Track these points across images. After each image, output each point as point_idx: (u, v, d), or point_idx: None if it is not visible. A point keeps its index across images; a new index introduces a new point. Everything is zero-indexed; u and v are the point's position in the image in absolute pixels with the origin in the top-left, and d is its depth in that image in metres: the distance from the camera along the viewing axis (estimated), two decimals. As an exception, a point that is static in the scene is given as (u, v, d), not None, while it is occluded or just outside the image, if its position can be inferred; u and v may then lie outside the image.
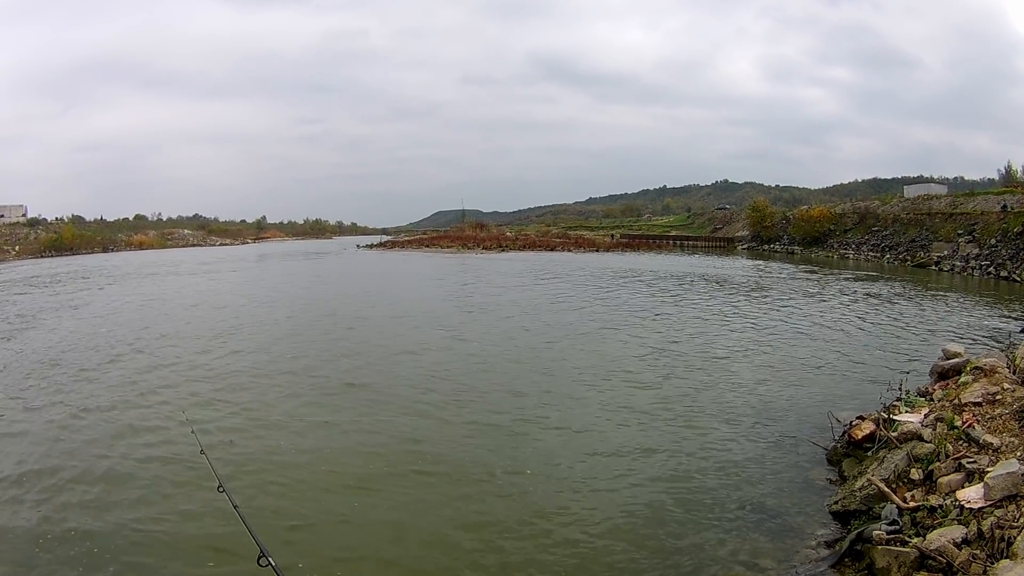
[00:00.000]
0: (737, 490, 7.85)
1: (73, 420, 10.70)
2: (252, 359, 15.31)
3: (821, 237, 59.99)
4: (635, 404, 11.33)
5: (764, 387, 12.37)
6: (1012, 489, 5.42)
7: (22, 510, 7.40)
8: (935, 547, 5.13)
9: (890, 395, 9.98)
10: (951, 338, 15.74)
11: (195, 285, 36.00)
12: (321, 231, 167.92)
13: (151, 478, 8.28)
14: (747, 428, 10.03)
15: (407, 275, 43.49)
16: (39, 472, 8.47)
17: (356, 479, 8.26)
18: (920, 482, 6.63)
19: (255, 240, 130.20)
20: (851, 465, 8.10)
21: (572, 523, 7.11)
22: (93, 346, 16.98)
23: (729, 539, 6.71)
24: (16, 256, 79.48)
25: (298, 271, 48.45)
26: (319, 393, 12.28)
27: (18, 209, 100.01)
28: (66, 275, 44.84)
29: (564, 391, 12.31)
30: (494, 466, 8.64)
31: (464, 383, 12.87)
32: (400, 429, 10.15)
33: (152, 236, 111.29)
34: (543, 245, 73.93)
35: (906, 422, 8.09)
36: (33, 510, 7.38)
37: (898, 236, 49.57)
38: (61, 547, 6.55)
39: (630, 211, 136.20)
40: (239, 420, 10.64)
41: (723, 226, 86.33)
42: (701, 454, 9.02)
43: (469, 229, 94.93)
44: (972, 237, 40.11)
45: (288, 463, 8.79)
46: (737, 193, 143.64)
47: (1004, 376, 8.72)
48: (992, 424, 7.15)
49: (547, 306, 24.23)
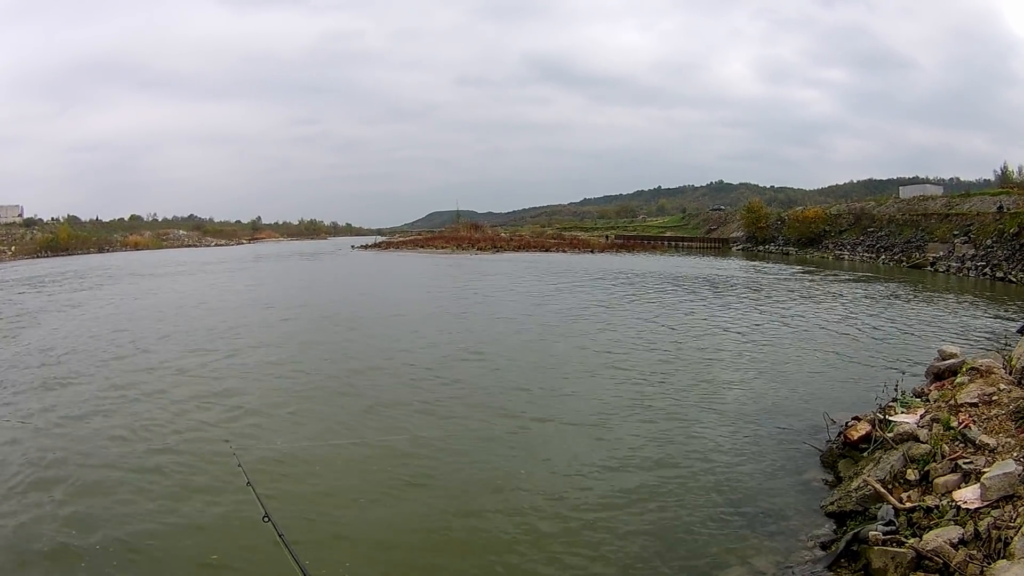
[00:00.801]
0: (733, 491, 7.82)
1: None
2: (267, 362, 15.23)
3: (816, 238, 60.09)
4: (628, 405, 11.30)
5: (759, 388, 12.36)
6: (1009, 489, 5.40)
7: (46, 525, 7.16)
8: (932, 548, 5.11)
9: (886, 396, 9.95)
10: (947, 339, 15.75)
11: (206, 286, 35.88)
12: (316, 232, 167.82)
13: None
14: (742, 429, 10.00)
15: (403, 275, 43.46)
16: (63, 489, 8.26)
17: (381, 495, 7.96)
18: (916, 483, 6.61)
19: (250, 241, 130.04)
20: (847, 466, 8.07)
21: (566, 524, 7.07)
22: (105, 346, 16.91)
23: (725, 540, 6.68)
24: (12, 256, 79.12)
25: (297, 272, 48.36)
26: (344, 413, 11.22)
27: (14, 209, 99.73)
28: (66, 274, 44.64)
29: (558, 392, 12.27)
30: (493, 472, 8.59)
31: (465, 383, 12.85)
32: (408, 434, 10.09)
33: (147, 237, 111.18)
34: (538, 246, 73.95)
35: (902, 423, 8.07)
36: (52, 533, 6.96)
37: (893, 237, 49.67)
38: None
39: (625, 212, 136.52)
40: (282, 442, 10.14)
41: (718, 227, 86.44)
42: (696, 455, 8.99)
43: (464, 230, 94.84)
44: (968, 238, 40.20)
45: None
46: (732, 194, 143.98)
47: (1000, 377, 8.71)
48: (988, 425, 7.14)
49: (542, 307, 24.22)
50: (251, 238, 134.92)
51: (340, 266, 53.86)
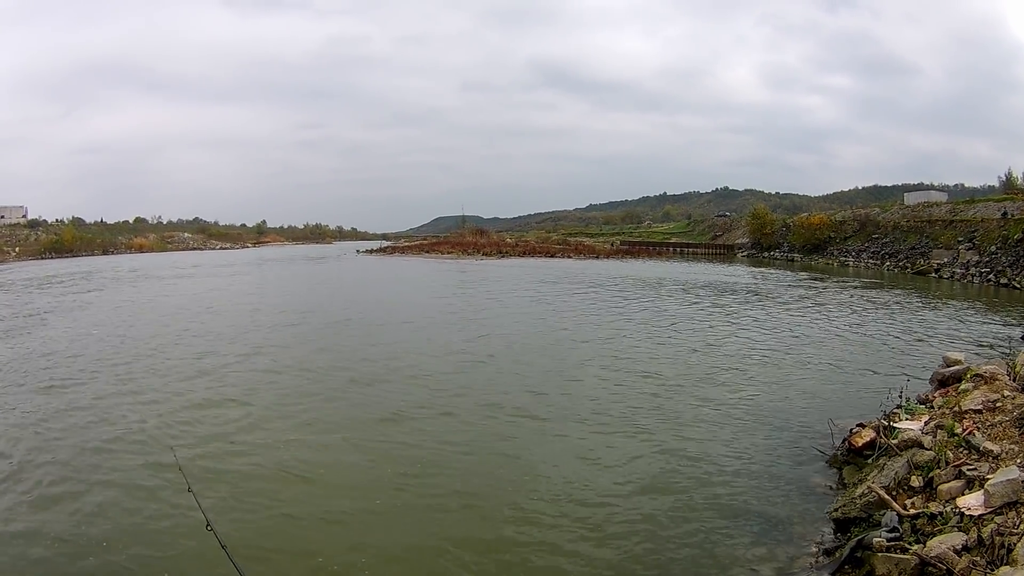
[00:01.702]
0: (737, 496, 7.84)
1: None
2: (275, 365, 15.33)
3: (821, 244, 59.97)
4: (633, 408, 11.33)
5: (763, 393, 12.37)
6: (1012, 496, 5.43)
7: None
8: (935, 554, 5.13)
9: (890, 402, 9.98)
10: (951, 345, 15.73)
11: (208, 290, 36.07)
12: (321, 236, 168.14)
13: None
14: (747, 434, 10.02)
15: (409, 280, 43.51)
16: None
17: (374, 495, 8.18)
18: (920, 489, 6.63)
19: (255, 244, 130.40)
20: (851, 472, 8.10)
21: (565, 526, 7.11)
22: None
23: (729, 545, 6.70)
24: (16, 258, 79.53)
25: (304, 276, 48.55)
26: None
27: (18, 210, 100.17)
28: (74, 276, 44.90)
29: (565, 395, 12.32)
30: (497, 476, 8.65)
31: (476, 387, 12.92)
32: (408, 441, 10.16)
33: (152, 239, 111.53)
34: (543, 251, 73.96)
35: (906, 429, 8.09)
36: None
37: (898, 243, 49.56)
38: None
39: (630, 218, 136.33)
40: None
41: (723, 233, 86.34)
42: (700, 460, 9.01)
43: (469, 235, 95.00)
44: (972, 244, 40.09)
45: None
46: (737, 200, 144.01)
47: (1004, 383, 8.73)
48: (992, 431, 7.16)
49: (549, 312, 24.27)
50: (256, 242, 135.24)
51: (346, 271, 54.03)
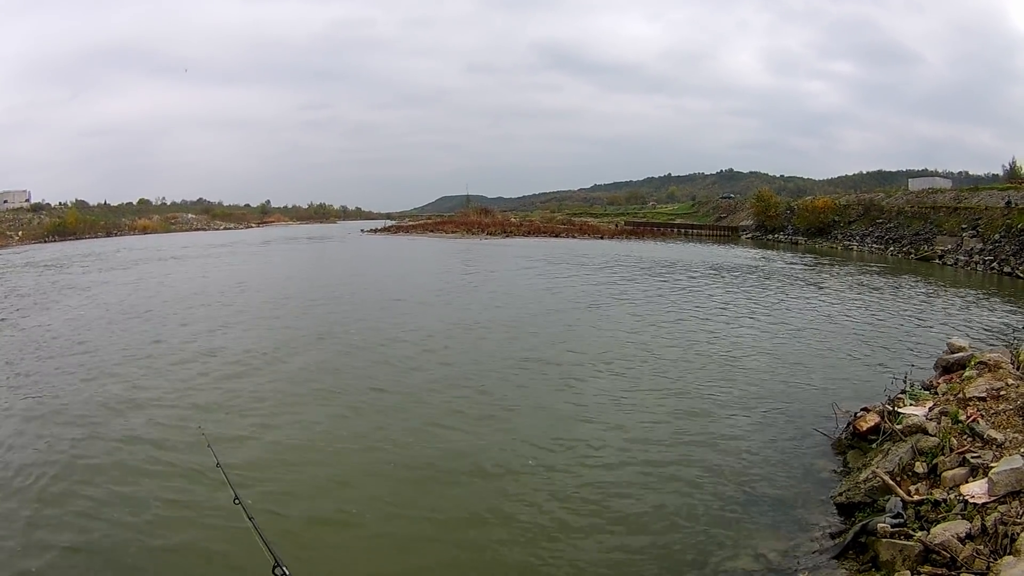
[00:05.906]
0: (741, 480, 7.95)
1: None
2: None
3: (825, 228, 59.63)
4: (638, 392, 11.44)
5: (767, 377, 12.45)
6: (1016, 485, 5.48)
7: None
8: (939, 541, 5.18)
9: (895, 387, 10.04)
10: (956, 332, 15.73)
11: (207, 271, 36.13)
12: (325, 215, 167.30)
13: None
14: (751, 418, 10.11)
15: (412, 259, 43.50)
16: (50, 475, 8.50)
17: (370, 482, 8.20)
18: (925, 476, 6.69)
19: (259, 224, 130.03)
20: (856, 457, 8.17)
21: (575, 512, 7.21)
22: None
23: (733, 529, 6.81)
24: (19, 241, 79.41)
25: (309, 256, 48.58)
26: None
27: (22, 194, 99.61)
28: (72, 258, 45.00)
29: (569, 379, 12.41)
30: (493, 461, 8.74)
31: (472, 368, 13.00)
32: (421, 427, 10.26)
33: (156, 220, 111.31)
34: (547, 231, 73.85)
35: (911, 415, 8.14)
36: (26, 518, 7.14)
37: (902, 229, 49.27)
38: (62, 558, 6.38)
39: (635, 199, 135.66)
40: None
41: (727, 215, 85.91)
42: (705, 443, 9.11)
43: (474, 214, 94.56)
44: (976, 232, 39.86)
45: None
46: (742, 182, 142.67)
47: (1008, 372, 8.75)
48: (996, 419, 7.20)
49: (553, 293, 24.29)
50: (260, 222, 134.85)
51: (349, 250, 54.03)
